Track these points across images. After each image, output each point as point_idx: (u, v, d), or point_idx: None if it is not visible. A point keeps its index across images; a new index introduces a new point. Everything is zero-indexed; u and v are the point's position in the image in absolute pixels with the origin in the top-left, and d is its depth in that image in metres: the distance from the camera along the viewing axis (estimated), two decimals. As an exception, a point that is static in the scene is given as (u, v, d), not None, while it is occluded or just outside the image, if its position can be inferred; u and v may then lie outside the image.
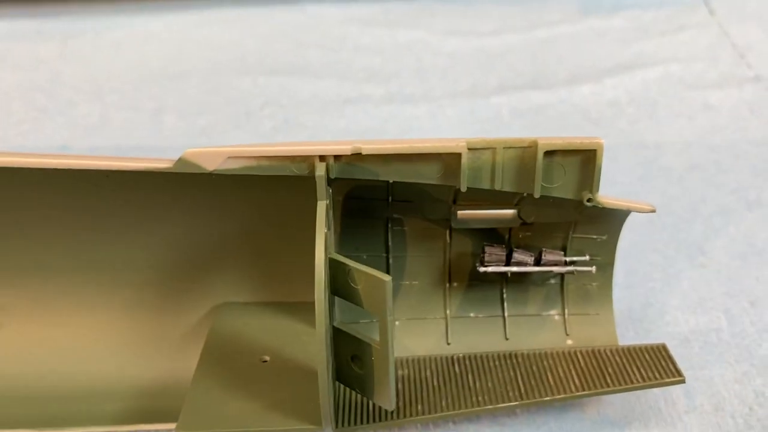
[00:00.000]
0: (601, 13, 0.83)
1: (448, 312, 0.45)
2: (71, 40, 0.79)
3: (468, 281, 0.45)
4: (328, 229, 0.36)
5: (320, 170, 0.37)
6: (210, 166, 0.37)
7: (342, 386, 0.40)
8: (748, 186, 0.60)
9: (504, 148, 0.37)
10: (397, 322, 0.45)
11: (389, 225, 0.45)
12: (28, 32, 0.80)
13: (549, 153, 0.37)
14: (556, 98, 0.70)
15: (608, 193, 0.57)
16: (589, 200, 0.38)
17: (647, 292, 0.51)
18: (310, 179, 0.38)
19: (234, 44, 0.79)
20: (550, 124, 0.67)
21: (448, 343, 0.45)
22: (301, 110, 0.69)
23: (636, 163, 0.63)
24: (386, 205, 0.44)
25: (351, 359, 0.38)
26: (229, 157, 0.37)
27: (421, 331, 0.45)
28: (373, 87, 0.72)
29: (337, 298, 0.40)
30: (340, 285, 0.37)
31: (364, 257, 0.45)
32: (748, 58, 0.75)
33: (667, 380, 0.40)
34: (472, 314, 0.45)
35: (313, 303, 0.45)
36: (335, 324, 0.38)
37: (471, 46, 0.78)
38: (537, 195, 0.37)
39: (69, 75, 0.74)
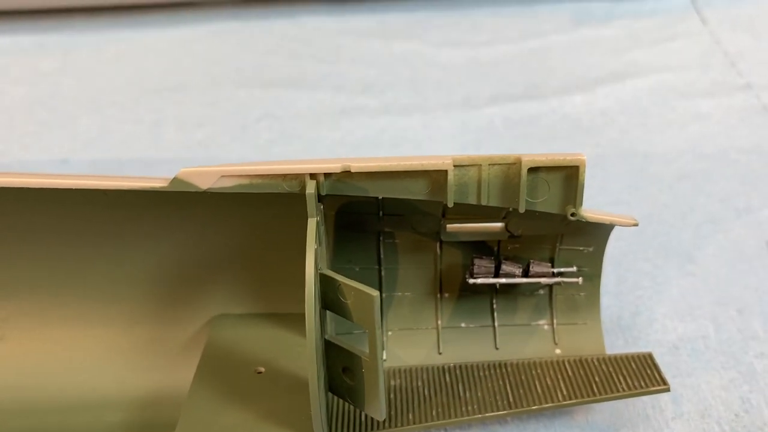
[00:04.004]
0: (594, 22, 0.84)
1: (439, 322, 0.46)
2: (71, 54, 0.80)
3: (459, 292, 0.46)
4: (319, 244, 0.37)
5: (311, 188, 0.38)
6: (204, 185, 0.38)
7: (335, 397, 0.41)
8: (736, 194, 0.61)
9: (489, 164, 0.38)
10: (389, 333, 0.46)
11: (381, 238, 0.45)
12: (29, 46, 0.81)
13: (533, 169, 0.38)
14: (548, 108, 0.71)
15: (598, 201, 0.57)
16: (572, 214, 0.39)
17: (636, 299, 0.52)
18: (302, 195, 0.39)
19: (231, 57, 0.79)
20: (542, 133, 0.68)
21: (440, 353, 0.46)
22: (297, 122, 0.70)
23: (626, 171, 0.63)
24: (377, 219, 0.44)
25: (342, 371, 0.39)
26: (222, 176, 0.38)
27: (413, 341, 0.46)
28: (368, 98, 0.73)
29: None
30: (330, 300, 0.38)
31: (357, 269, 0.46)
32: (740, 66, 0.76)
33: (653, 389, 0.41)
34: (462, 324, 0.46)
35: (308, 314, 0.46)
36: (326, 337, 0.39)
37: (465, 57, 0.79)
38: (522, 210, 0.38)
39: (69, 88, 0.75)
